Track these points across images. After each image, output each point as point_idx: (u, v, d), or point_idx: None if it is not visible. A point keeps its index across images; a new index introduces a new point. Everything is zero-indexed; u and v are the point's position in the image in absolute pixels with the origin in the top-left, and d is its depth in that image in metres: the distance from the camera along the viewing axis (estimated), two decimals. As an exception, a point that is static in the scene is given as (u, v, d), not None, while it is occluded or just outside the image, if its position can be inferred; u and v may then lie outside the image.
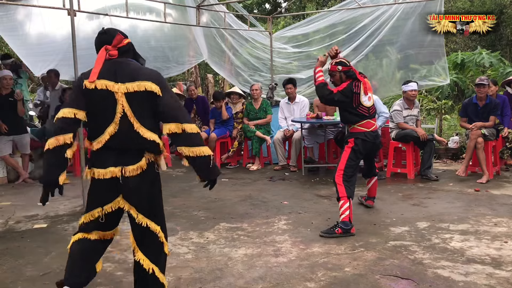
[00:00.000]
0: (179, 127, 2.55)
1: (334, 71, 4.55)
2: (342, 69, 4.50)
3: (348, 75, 4.50)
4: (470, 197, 5.52)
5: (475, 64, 9.03)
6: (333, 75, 4.60)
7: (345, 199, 4.25)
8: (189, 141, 2.59)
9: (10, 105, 7.05)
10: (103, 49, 2.70)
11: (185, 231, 4.46)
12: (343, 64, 4.52)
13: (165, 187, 6.59)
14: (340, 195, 4.27)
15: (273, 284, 3.20)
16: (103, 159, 2.60)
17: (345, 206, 4.23)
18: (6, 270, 3.61)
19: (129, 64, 2.72)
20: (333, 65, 4.55)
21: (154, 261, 2.70)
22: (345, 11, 8.67)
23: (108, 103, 2.56)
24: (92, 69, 2.63)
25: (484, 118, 6.58)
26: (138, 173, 2.59)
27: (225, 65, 9.91)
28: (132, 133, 2.56)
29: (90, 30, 9.51)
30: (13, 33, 9.37)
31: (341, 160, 4.43)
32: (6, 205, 5.73)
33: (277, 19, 15.19)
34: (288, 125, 7.73)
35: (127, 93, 2.55)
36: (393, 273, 3.34)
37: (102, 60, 2.66)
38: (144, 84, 2.57)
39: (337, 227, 4.21)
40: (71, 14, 5.15)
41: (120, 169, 2.56)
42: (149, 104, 2.58)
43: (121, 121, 2.55)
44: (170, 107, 2.58)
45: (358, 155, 4.46)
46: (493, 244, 3.90)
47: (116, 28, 2.93)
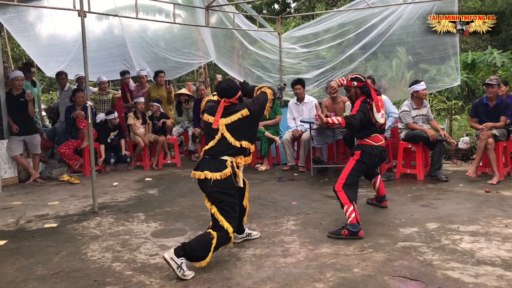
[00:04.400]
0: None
1: (350, 86, 4.59)
2: (357, 84, 4.54)
3: (363, 91, 4.54)
4: (480, 198, 5.48)
5: (486, 64, 8.95)
6: (348, 90, 4.65)
7: (348, 204, 4.25)
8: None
9: (21, 105, 7.11)
10: (223, 100, 3.63)
11: (194, 231, 4.48)
12: (358, 80, 4.55)
13: (174, 187, 6.67)
14: (342, 201, 4.29)
15: (281, 284, 3.20)
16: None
17: (349, 210, 4.23)
18: (17, 269, 3.65)
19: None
20: (348, 81, 4.59)
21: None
22: (354, 11, 8.65)
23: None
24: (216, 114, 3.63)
25: (495, 118, 6.53)
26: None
27: (234, 65, 9.93)
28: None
29: (100, 31, 9.62)
30: (25, 34, 9.49)
31: (344, 170, 4.45)
32: (17, 205, 5.79)
33: (287, 20, 15.19)
34: (297, 126, 7.73)
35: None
36: (402, 274, 3.33)
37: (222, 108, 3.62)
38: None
39: (344, 228, 4.22)
40: (81, 15, 5.19)
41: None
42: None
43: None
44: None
45: (362, 167, 4.52)
46: (503, 245, 3.86)
47: (236, 86, 3.72)
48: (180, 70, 10.04)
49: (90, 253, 3.93)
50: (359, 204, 5.08)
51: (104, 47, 9.38)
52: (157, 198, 5.99)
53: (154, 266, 3.61)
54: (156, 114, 8.43)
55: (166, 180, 7.17)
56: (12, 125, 7.09)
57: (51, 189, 6.65)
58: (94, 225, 4.79)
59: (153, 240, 4.26)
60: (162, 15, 9.20)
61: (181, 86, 11.37)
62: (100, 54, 9.31)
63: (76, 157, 7.63)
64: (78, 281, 3.36)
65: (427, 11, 7.76)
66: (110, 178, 7.37)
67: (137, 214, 5.16)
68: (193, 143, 8.90)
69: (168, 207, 5.44)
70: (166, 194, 6.16)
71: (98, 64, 9.21)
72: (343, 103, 7.36)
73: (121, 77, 9.06)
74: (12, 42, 13.40)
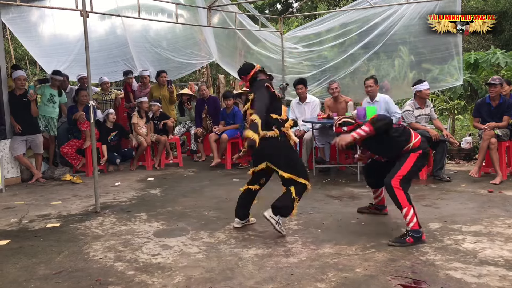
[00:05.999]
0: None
1: (340, 132, 4.31)
2: (347, 129, 4.27)
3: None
4: (483, 198, 5.46)
5: (489, 64, 8.92)
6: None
7: (407, 206, 3.98)
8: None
9: (24, 105, 7.13)
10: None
11: (196, 231, 4.48)
12: (347, 124, 4.30)
13: (176, 187, 6.67)
14: (402, 203, 3.99)
15: (283, 284, 3.20)
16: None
17: (410, 214, 3.96)
18: (19, 268, 3.65)
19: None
20: (337, 127, 4.35)
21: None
22: (356, 10, 8.64)
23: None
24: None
25: (498, 118, 6.51)
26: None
27: (236, 65, 9.93)
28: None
29: (102, 31, 9.63)
30: (27, 34, 9.51)
31: (404, 166, 4.06)
32: (19, 204, 5.80)
33: (289, 20, 15.17)
34: (299, 126, 7.71)
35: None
36: (404, 274, 3.32)
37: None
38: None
39: (408, 235, 3.94)
40: (84, 15, 5.19)
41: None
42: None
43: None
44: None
45: (423, 162, 4.24)
46: (506, 245, 3.85)
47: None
48: (183, 71, 10.05)
49: (93, 253, 3.94)
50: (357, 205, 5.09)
51: (105, 47, 9.38)
52: (159, 198, 5.99)
53: (156, 265, 3.61)
54: (156, 114, 8.44)
55: (168, 180, 7.17)
56: (14, 125, 7.11)
57: (54, 189, 6.66)
58: (97, 224, 4.79)
59: (155, 240, 4.26)
60: (164, 15, 9.20)
61: (184, 86, 11.37)
62: (102, 54, 9.31)
63: (79, 157, 7.64)
64: (80, 280, 3.36)
65: (429, 10, 7.74)
66: (113, 178, 7.38)
67: (139, 214, 5.17)
68: (195, 143, 8.91)
69: (170, 207, 5.44)
70: (168, 194, 6.16)
71: (99, 65, 9.21)
72: (345, 103, 7.36)
73: (124, 77, 9.07)
74: (15, 42, 13.43)
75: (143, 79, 8.99)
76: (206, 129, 8.81)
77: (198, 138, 8.81)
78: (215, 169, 7.94)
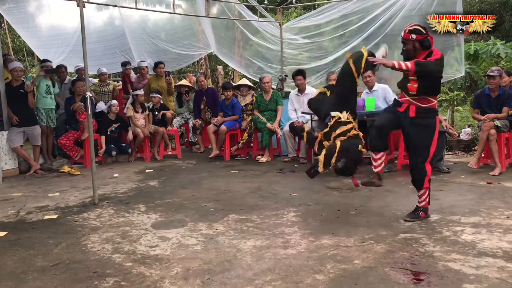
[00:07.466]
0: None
1: (407, 39, 4.09)
2: (416, 37, 4.05)
3: (424, 45, 4.06)
4: (482, 190, 5.45)
5: (489, 55, 8.88)
6: (405, 44, 4.16)
7: (427, 187, 4.15)
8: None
9: (21, 97, 7.09)
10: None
11: (194, 222, 4.47)
12: (417, 33, 4.04)
13: (175, 179, 6.65)
14: (425, 185, 4.14)
15: (281, 276, 3.19)
16: None
17: (426, 194, 4.21)
18: (17, 260, 3.64)
19: None
20: (406, 33, 4.10)
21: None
22: (357, 1, 8.57)
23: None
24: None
25: (497, 109, 6.49)
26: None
27: (234, 56, 9.88)
28: None
29: (100, 22, 9.56)
30: (24, 25, 9.43)
31: (432, 144, 4.02)
32: (17, 196, 5.78)
33: (288, 10, 15.09)
34: (298, 117, 7.69)
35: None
36: (403, 265, 3.31)
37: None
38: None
39: (419, 211, 4.21)
40: (80, 5, 5.15)
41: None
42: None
43: None
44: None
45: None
46: (505, 237, 3.84)
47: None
48: (181, 62, 10.00)
49: (90, 245, 3.93)
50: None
51: (104, 38, 9.31)
52: (158, 189, 5.98)
53: (154, 257, 3.60)
54: (157, 106, 8.41)
55: (167, 171, 7.16)
56: (12, 116, 7.07)
57: (52, 181, 6.64)
58: (95, 216, 4.78)
59: (153, 231, 4.25)
60: (162, 6, 9.14)
61: (182, 77, 11.32)
62: (99, 46, 9.25)
63: (77, 149, 7.61)
64: (78, 272, 3.35)
65: (429, 2, 7.68)
66: (111, 169, 7.36)
67: (137, 205, 5.15)
68: (193, 135, 8.88)
69: (168, 199, 5.43)
70: (167, 186, 6.15)
71: (97, 56, 9.16)
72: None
73: (122, 68, 9.02)
74: (13, 34, 13.35)
75: (141, 70, 8.95)
76: (205, 121, 8.78)
77: (196, 129, 8.78)
78: (213, 161, 7.93)
